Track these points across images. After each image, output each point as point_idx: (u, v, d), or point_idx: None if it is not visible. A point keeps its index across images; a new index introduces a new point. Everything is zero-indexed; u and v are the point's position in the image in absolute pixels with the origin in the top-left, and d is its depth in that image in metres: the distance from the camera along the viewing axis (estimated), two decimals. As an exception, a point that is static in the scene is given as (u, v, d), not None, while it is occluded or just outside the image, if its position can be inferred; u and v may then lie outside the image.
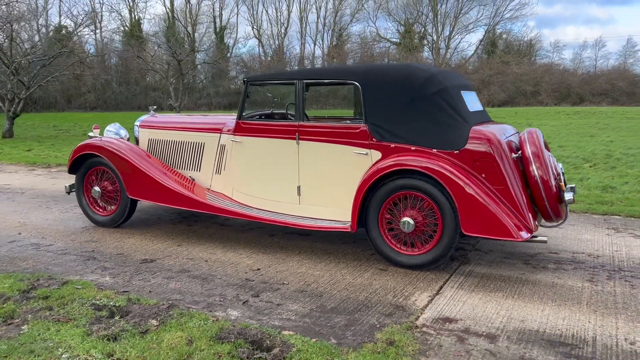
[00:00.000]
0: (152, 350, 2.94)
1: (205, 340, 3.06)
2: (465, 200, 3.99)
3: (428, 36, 49.00)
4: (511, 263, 4.54)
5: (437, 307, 3.60)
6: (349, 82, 4.66)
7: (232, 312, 3.52)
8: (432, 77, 4.35)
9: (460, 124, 4.24)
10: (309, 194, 4.77)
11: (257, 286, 4.00)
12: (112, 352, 2.94)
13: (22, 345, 2.99)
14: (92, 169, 5.66)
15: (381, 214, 4.37)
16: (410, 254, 4.32)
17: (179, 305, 3.58)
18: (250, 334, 3.15)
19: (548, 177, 4.20)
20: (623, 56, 55.36)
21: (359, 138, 4.49)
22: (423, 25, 48.90)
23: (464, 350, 2.99)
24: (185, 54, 16.94)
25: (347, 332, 3.22)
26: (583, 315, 3.47)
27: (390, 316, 3.46)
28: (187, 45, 41.29)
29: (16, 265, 4.46)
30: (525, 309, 3.57)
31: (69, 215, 6.25)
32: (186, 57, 16.84)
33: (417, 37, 49.40)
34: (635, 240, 5.19)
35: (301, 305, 3.64)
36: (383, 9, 49.19)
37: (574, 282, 4.06)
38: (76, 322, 3.30)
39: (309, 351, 2.94)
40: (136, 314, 3.42)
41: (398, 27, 49.74)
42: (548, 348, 3.03)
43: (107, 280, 4.10)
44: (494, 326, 3.31)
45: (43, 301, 3.63)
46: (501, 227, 3.93)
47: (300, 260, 4.60)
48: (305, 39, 48.60)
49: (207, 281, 4.10)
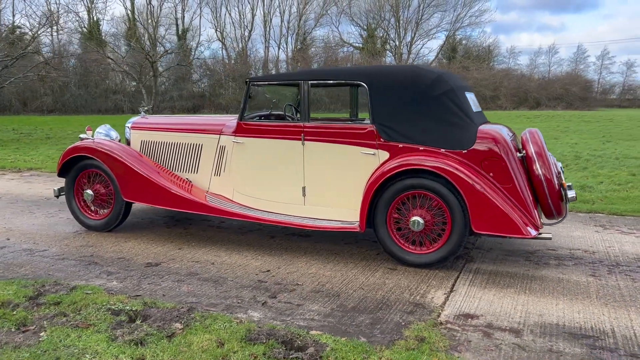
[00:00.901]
0: (184, 354, 2.88)
1: (235, 342, 3.02)
2: (475, 199, 4.07)
3: (391, 41, 49.62)
4: (514, 260, 4.64)
5: (455, 304, 3.66)
6: (356, 83, 4.69)
7: (254, 313, 3.49)
8: (439, 78, 4.42)
9: (468, 124, 4.32)
10: (315, 194, 4.77)
11: (271, 287, 3.97)
12: (142, 356, 2.86)
13: (45, 353, 2.89)
14: (84, 171, 5.49)
15: (389, 213, 4.41)
16: (419, 252, 4.37)
17: (198, 308, 3.52)
18: (279, 334, 3.13)
19: (551, 176, 4.33)
20: (574, 62, 57.58)
21: (367, 138, 4.51)
22: (385, 31, 49.51)
23: (493, 345, 3.05)
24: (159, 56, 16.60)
25: (374, 331, 3.24)
26: (596, 308, 3.59)
27: (412, 314, 3.49)
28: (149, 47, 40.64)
29: (13, 271, 4.29)
30: (540, 303, 3.66)
31: (56, 220, 6.05)
32: (159, 58, 16.53)
33: (379, 42, 49.95)
34: (623, 237, 5.40)
35: (321, 305, 3.64)
36: (346, 13, 49.60)
37: (579, 277, 4.19)
38: (96, 327, 3.20)
39: (343, 350, 2.94)
40: (157, 318, 3.34)
41: (361, 32, 50.27)
42: (572, 340, 3.11)
43: (115, 284, 3.99)
44: (515, 321, 3.38)
45: (55, 307, 3.50)
46: (511, 225, 4.02)
47: (308, 261, 4.59)
48: (269, 42, 48.45)
49: (219, 283, 4.04)
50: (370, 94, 4.51)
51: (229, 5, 47.64)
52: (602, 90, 59.22)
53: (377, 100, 4.49)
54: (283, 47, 49.10)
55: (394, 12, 48.25)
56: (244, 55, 46.63)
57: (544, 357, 2.92)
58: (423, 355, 2.88)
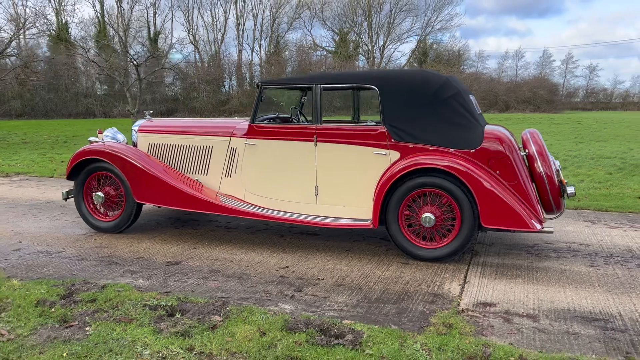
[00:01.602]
0: (231, 343, 3.04)
1: (276, 331, 3.19)
2: (485, 195, 4.33)
3: (364, 45, 50.17)
4: (516, 253, 4.92)
5: (472, 294, 3.90)
6: (367, 87, 4.90)
7: (285, 305, 3.66)
8: (447, 82, 4.67)
9: (474, 125, 4.58)
10: (327, 193, 4.96)
11: (294, 282, 4.15)
12: (191, 346, 3.01)
13: (97, 345, 3.01)
14: (94, 174, 5.56)
15: (401, 210, 4.63)
16: (430, 247, 4.60)
17: (231, 302, 3.68)
18: (315, 323, 3.31)
19: (551, 173, 4.63)
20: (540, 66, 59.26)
21: (378, 139, 4.73)
22: (358, 35, 50.05)
23: (515, 329, 3.30)
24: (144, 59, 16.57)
25: (402, 319, 3.45)
26: (600, 295, 3.88)
27: (433, 303, 3.71)
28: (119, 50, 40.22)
29: (36, 272, 4.36)
30: (549, 292, 3.93)
31: (62, 223, 6.10)
32: (144, 61, 16.49)
33: (352, 45, 50.47)
34: (612, 230, 5.75)
35: (347, 297, 3.83)
36: (318, 17, 49.97)
37: (579, 268, 4.49)
38: (139, 321, 3.33)
39: (379, 336, 3.14)
40: (195, 312, 3.48)
41: (333, 35, 50.68)
42: (585, 323, 3.39)
43: (142, 282, 4.11)
44: (530, 307, 3.64)
45: (91, 304, 3.61)
46: (518, 219, 4.29)
47: (323, 258, 4.78)
48: (242, 45, 48.42)
49: (244, 280, 4.19)
50: (381, 97, 4.73)
51: (201, 8, 47.52)
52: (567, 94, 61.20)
53: (388, 102, 4.71)
54: (256, 51, 49.20)
55: (366, 16, 48.85)
56: (217, 59, 46.52)
57: (563, 338, 3.18)
58: (454, 338, 3.10)
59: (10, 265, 4.53)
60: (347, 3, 48.81)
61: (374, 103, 19.07)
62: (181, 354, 2.92)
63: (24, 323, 3.31)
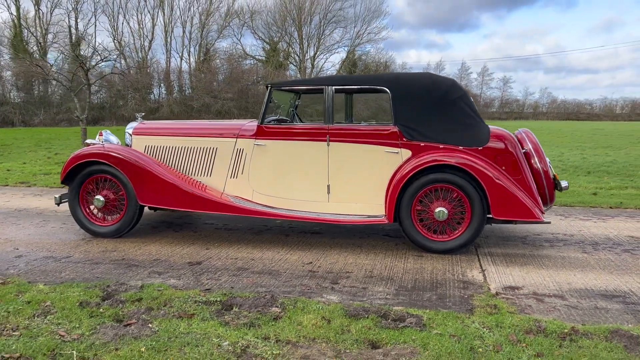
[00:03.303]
0: (304, 330, 3.14)
1: (340, 318, 3.32)
2: (495, 189, 4.66)
3: (295, 55, 50.61)
4: (513, 244, 5.31)
5: (495, 280, 4.19)
6: (379, 89, 5.12)
7: (330, 297, 3.78)
8: (454, 84, 4.99)
9: (480, 124, 4.92)
10: (339, 191, 5.12)
11: (326, 276, 4.27)
12: (266, 335, 3.08)
13: (171, 340, 3.01)
14: (91, 177, 5.41)
15: (414, 206, 4.88)
16: (442, 240, 4.88)
17: (278, 296, 3.75)
18: (372, 310, 3.46)
19: (547, 168, 5.05)
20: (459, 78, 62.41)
21: (390, 138, 4.96)
22: (289, 44, 50.45)
23: (551, 307, 3.61)
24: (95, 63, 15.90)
25: (447, 303, 3.67)
26: (606, 276, 4.30)
27: (466, 289, 3.97)
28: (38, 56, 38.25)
29: (55, 276, 4.20)
30: (561, 275, 4.31)
31: (48, 229, 5.85)
32: (94, 66, 15.84)
33: (282, 55, 50.76)
34: (584, 222, 6.30)
35: (384, 287, 4.01)
36: (248, 26, 49.89)
37: (575, 254, 4.93)
38: (200, 316, 3.35)
39: (438, 318, 3.34)
40: (250, 305, 3.53)
41: (264, 45, 50.79)
42: (607, 299, 3.76)
43: (175, 282, 4.09)
44: (553, 289, 3.98)
45: (138, 303, 3.57)
46: (526, 211, 4.66)
47: (340, 253, 4.93)
48: (170, 53, 47.42)
49: (276, 276, 4.27)
50: (392, 98, 4.97)
51: (127, 14, 46.12)
52: (485, 104, 64.94)
53: (399, 103, 4.96)
54: (185, 58, 48.34)
55: (296, 27, 49.36)
56: (144, 66, 45.24)
57: (595, 312, 3.52)
58: (506, 317, 3.36)
59: (22, 271, 4.34)
60: (277, 13, 49.18)
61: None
62: (260, 343, 2.98)
63: (78, 324, 3.23)
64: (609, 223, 6.33)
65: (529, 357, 2.82)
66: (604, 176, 10.23)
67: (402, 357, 2.80)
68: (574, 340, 3.02)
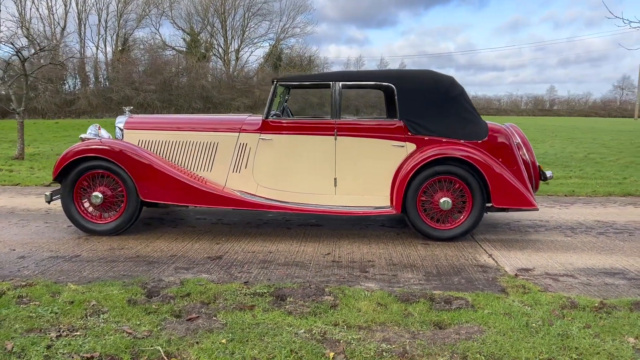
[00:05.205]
0: (367, 316, 3.29)
1: (395, 303, 3.50)
2: (496, 180, 5.01)
3: (219, 47, 49.78)
4: (502, 230, 5.72)
5: (506, 263, 4.54)
6: (385, 85, 5.32)
7: (369, 284, 3.95)
8: (454, 81, 5.29)
9: (479, 119, 5.27)
10: (346, 184, 5.28)
11: (352, 265, 4.43)
12: (334, 321, 3.20)
13: (245, 331, 3.06)
14: (86, 174, 5.22)
15: (419, 196, 5.14)
16: (444, 228, 5.18)
17: (320, 285, 3.86)
18: (419, 295, 3.68)
19: (534, 160, 5.49)
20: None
21: (396, 132, 5.19)
22: (211, 35, 49.54)
23: (568, 285, 3.99)
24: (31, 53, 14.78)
25: (477, 285, 3.96)
26: (597, 255, 4.77)
27: (486, 272, 4.28)
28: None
29: (77, 276, 4.06)
30: (560, 257, 4.73)
31: (35, 228, 5.56)
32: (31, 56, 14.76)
33: (204, 46, 49.76)
34: (551, 210, 6.88)
35: (412, 274, 4.23)
36: (167, 16, 48.48)
37: (560, 238, 5.40)
38: (261, 307, 3.41)
39: (478, 298, 3.61)
40: (301, 295, 3.63)
41: (184, 35, 49.53)
42: (611, 276, 4.20)
43: (209, 276, 4.08)
44: (560, 269, 4.38)
45: (188, 298, 3.57)
46: (524, 199, 5.06)
47: (351, 244, 5.10)
48: (85, 42, 45.09)
49: (303, 267, 4.37)
50: (398, 93, 5.19)
51: (36, -1, 43.27)
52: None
53: (404, 99, 5.19)
54: (101, 48, 46.16)
55: (220, 18, 48.56)
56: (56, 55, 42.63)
57: (607, 288, 3.94)
58: (538, 295, 3.69)
59: (36, 272, 4.14)
60: (199, 3, 48.09)
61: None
62: (333, 329, 3.10)
63: (139, 321, 3.20)
64: (572, 209, 6.94)
65: (579, 328, 3.14)
66: (545, 168, 11.06)
67: (474, 335, 3.03)
68: (608, 312, 3.39)
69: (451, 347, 2.88)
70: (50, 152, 13.69)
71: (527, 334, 3.04)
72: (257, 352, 2.81)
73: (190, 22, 49.14)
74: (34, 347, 2.82)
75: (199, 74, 43.56)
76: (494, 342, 2.93)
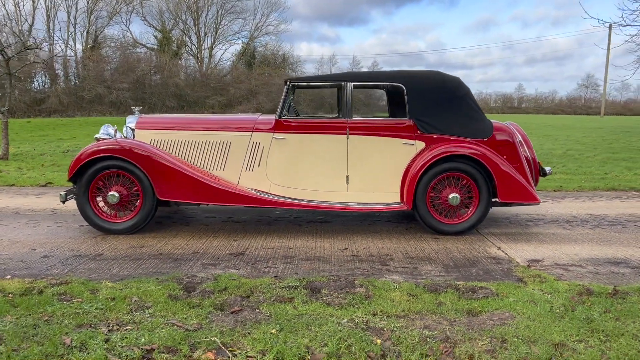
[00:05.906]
0: (401, 305, 3.47)
1: (424, 294, 3.69)
2: (502, 176, 5.26)
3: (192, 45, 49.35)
4: (504, 224, 5.98)
5: (517, 255, 4.78)
6: (395, 85, 5.52)
7: (393, 276, 4.14)
8: (460, 82, 5.52)
9: (484, 118, 5.51)
10: (357, 181, 5.46)
11: (371, 259, 4.61)
12: (374, 311, 3.38)
13: (290, 321, 3.20)
14: (102, 174, 5.27)
15: (428, 192, 5.35)
16: (452, 222, 5.41)
17: (348, 278, 4.03)
18: (445, 285, 3.88)
19: (534, 156, 5.76)
20: (352, 72, 64.51)
21: (406, 131, 5.39)
22: (183, 32, 49.08)
23: (579, 274, 4.24)
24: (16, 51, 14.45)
25: (495, 276, 4.18)
26: (598, 246, 5.06)
27: (499, 264, 4.51)
28: None
29: (108, 274, 4.14)
30: (564, 248, 5.00)
31: (47, 228, 5.58)
32: (17, 54, 14.44)
33: (176, 44, 49.25)
34: (544, 204, 7.19)
35: (431, 266, 4.43)
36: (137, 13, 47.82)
37: (559, 230, 5.69)
38: (299, 299, 3.55)
39: (502, 288, 3.83)
40: (335, 287, 3.79)
41: (155, 32, 48.96)
42: (615, 265, 4.48)
43: (237, 272, 4.20)
44: (568, 259, 4.64)
45: (226, 292, 3.69)
46: (528, 194, 5.31)
47: (365, 239, 5.29)
48: (54, 39, 44.16)
49: (326, 262, 4.52)
50: (407, 93, 5.39)
51: (2, -6, 42.10)
52: (377, 97, 67.43)
53: (414, 99, 5.40)
54: (71, 45, 45.25)
55: (192, 15, 48.16)
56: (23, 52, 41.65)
57: (614, 276, 4.21)
58: (554, 283, 3.93)
59: (64, 270, 4.20)
60: (169, 0, 47.57)
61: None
62: (374, 319, 3.27)
63: (185, 315, 3.31)
64: (563, 204, 7.26)
65: (600, 313, 3.38)
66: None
67: (507, 320, 3.25)
68: (623, 297, 3.65)
69: (489, 332, 3.08)
70: (34, 152, 13.52)
71: (554, 319, 3.27)
72: (307, 340, 2.96)
73: (161, 19, 48.64)
74: (92, 341, 2.91)
75: (172, 72, 43.16)
76: (526, 327, 3.14)
